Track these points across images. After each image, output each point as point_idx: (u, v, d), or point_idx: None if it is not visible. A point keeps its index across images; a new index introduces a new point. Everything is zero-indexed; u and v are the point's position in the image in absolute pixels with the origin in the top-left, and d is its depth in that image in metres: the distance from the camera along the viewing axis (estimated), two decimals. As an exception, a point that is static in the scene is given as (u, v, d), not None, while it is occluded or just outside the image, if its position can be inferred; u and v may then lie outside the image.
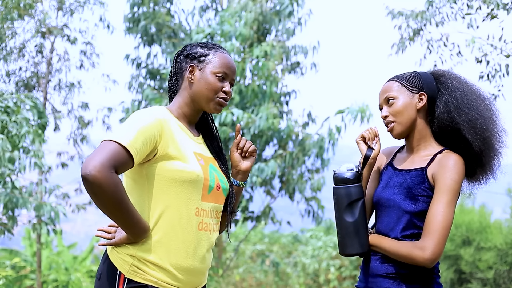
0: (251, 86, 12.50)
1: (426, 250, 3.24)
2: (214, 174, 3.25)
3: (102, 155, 2.86)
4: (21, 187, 9.23)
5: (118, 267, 3.06)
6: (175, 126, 3.17)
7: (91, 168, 2.81)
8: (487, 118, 3.44)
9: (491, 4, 9.44)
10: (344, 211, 3.49)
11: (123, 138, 2.93)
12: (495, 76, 9.76)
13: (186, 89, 3.29)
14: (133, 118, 3.06)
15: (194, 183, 3.11)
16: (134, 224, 2.98)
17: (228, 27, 12.70)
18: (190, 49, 3.34)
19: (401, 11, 10.91)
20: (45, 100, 15.03)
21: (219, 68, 3.28)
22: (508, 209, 21.49)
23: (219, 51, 3.32)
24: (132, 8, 13.91)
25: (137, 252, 3.05)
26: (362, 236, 3.46)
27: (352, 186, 3.49)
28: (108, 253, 3.13)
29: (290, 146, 12.95)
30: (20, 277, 16.24)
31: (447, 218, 3.27)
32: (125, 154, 2.91)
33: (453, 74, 3.56)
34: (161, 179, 3.06)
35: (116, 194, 2.86)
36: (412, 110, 3.49)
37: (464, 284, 20.42)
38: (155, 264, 3.06)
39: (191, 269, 3.15)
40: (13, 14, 12.71)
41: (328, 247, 20.33)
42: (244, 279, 21.17)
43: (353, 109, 12.14)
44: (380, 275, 3.45)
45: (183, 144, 3.14)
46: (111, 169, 2.84)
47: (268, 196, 13.39)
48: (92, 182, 2.82)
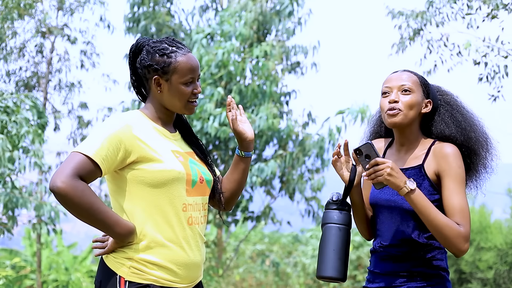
0: (251, 86, 12.50)
1: (466, 243, 3.27)
2: (195, 168, 3.26)
3: (67, 167, 2.94)
4: (21, 187, 9.23)
5: (117, 271, 3.09)
6: (148, 128, 3.19)
7: (57, 180, 2.91)
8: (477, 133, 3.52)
9: (491, 4, 9.44)
10: (324, 234, 3.47)
11: (88, 148, 3.00)
12: (494, 78, 9.75)
13: (155, 98, 3.27)
14: (102, 125, 3.12)
15: (176, 181, 3.14)
16: (113, 225, 3.03)
17: (228, 27, 12.70)
18: (148, 58, 3.21)
19: (401, 11, 10.91)
20: (45, 100, 15.03)
21: (186, 76, 3.22)
22: (508, 209, 21.50)
23: (180, 55, 3.22)
24: (132, 8, 13.90)
25: (134, 253, 3.09)
26: (326, 260, 3.41)
27: (324, 211, 3.51)
28: (105, 260, 3.16)
29: (290, 146, 12.96)
30: (20, 277, 16.24)
31: (467, 205, 3.32)
32: (91, 164, 2.99)
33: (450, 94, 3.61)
34: (143, 181, 3.10)
35: (84, 199, 2.94)
36: (418, 111, 3.48)
37: (464, 284, 20.42)
38: (153, 263, 3.09)
39: (188, 263, 3.18)
40: (13, 14, 12.72)
41: (328, 247, 20.31)
42: (244, 279, 21.17)
43: (353, 109, 12.15)
44: (392, 273, 3.45)
45: (159, 145, 3.16)
46: (75, 178, 2.93)
47: (268, 196, 13.39)
48: (59, 193, 2.90)
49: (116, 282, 3.08)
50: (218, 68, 12.36)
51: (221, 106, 12.52)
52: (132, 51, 3.31)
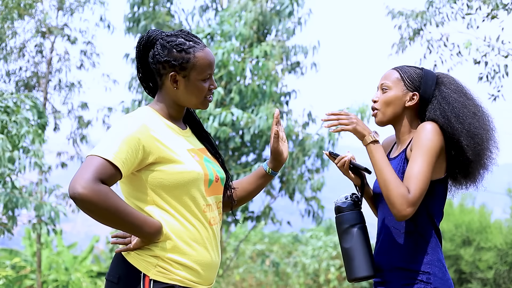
0: (251, 86, 12.50)
1: (408, 207, 3.25)
2: (210, 166, 3.18)
3: (86, 171, 2.81)
4: (21, 187, 9.23)
5: (142, 269, 2.99)
6: (163, 126, 3.09)
7: (77, 186, 2.77)
8: (485, 131, 3.46)
9: (491, 4, 9.45)
10: (341, 238, 3.53)
11: (107, 151, 2.87)
12: (494, 77, 9.76)
13: (168, 94, 3.15)
14: (117, 127, 2.98)
15: (196, 182, 3.05)
16: (141, 226, 2.92)
17: (228, 27, 12.70)
18: (165, 53, 3.09)
19: (401, 11, 10.92)
20: (45, 100, 15.03)
21: (204, 72, 3.12)
22: (508, 209, 21.51)
23: (198, 50, 3.12)
24: (132, 7, 13.90)
25: (161, 252, 2.99)
26: (360, 260, 3.46)
27: (344, 214, 3.52)
28: (126, 256, 3.04)
29: (290, 146, 12.96)
30: (20, 277, 16.25)
31: (426, 175, 3.29)
32: (111, 167, 2.85)
33: (454, 84, 3.55)
34: (162, 183, 3.00)
35: (109, 203, 2.82)
36: (399, 106, 3.52)
37: (464, 284, 20.44)
38: (180, 263, 3.01)
39: (210, 264, 3.12)
40: (14, 14, 12.72)
41: (328, 247, 20.34)
42: (244, 279, 21.18)
43: (353, 109, 12.16)
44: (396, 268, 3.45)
45: (175, 144, 3.06)
46: (96, 182, 2.79)
47: (268, 196, 13.40)
48: (82, 200, 2.77)
49: (140, 280, 2.98)
50: (218, 68, 12.36)
51: (221, 106, 12.53)
52: (142, 44, 3.16)
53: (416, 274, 3.37)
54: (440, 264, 3.40)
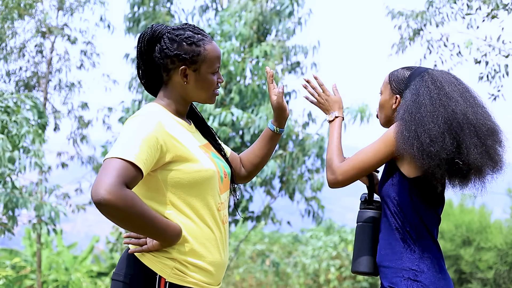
0: (251, 86, 12.50)
1: (332, 175, 3.47)
2: (219, 162, 3.16)
3: (109, 175, 2.70)
4: (21, 187, 9.23)
5: (158, 271, 2.94)
6: (174, 124, 3.03)
7: (102, 192, 2.66)
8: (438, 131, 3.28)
9: (491, 4, 9.45)
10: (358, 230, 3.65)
11: (127, 153, 2.77)
12: (494, 77, 9.76)
13: (176, 89, 3.11)
14: (133, 127, 2.89)
15: (212, 180, 3.02)
16: (163, 231, 2.87)
17: (228, 27, 12.70)
18: (174, 46, 3.04)
19: (401, 11, 10.92)
20: (45, 100, 15.03)
21: (214, 64, 3.10)
22: (508, 209, 21.50)
23: (207, 43, 3.09)
24: (132, 7, 13.90)
25: (178, 254, 2.96)
26: (359, 256, 3.58)
27: (358, 211, 3.67)
28: (140, 257, 2.98)
29: (290, 146, 12.96)
30: (20, 277, 16.25)
31: (366, 156, 3.41)
32: (133, 169, 2.76)
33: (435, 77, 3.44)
34: (179, 183, 2.95)
35: (135, 210, 2.73)
36: (389, 109, 3.60)
37: (464, 284, 20.43)
38: (196, 265, 2.98)
39: (222, 264, 3.11)
40: (14, 14, 12.72)
41: (328, 247, 20.34)
42: (244, 279, 21.18)
43: (352, 109, 12.16)
44: (384, 267, 3.47)
45: (188, 142, 3.01)
46: (122, 187, 2.70)
47: (268, 196, 13.39)
48: (107, 206, 2.67)
49: (155, 282, 2.93)
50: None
51: (221, 106, 12.53)
52: (147, 39, 3.09)
53: (403, 272, 3.38)
54: (429, 261, 3.39)
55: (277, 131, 3.53)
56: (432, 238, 3.45)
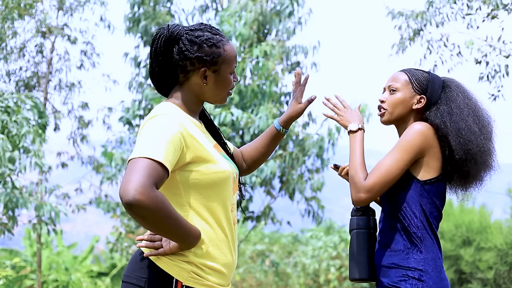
0: (250, 86, 12.51)
1: (358, 193, 3.40)
2: (229, 163, 3.14)
3: (139, 175, 2.65)
4: (21, 187, 9.22)
5: (175, 275, 2.91)
6: (192, 125, 3.00)
7: (133, 192, 2.60)
8: (482, 134, 3.52)
9: (491, 4, 9.45)
10: (350, 238, 3.69)
11: (155, 153, 2.73)
12: (494, 77, 9.77)
13: (194, 89, 3.09)
14: (156, 127, 2.85)
15: (228, 181, 3.01)
16: (187, 234, 2.85)
17: (228, 27, 12.70)
18: (194, 48, 3.02)
19: (401, 12, 10.92)
20: (46, 100, 15.03)
21: (233, 64, 3.11)
22: (508, 209, 21.50)
23: (226, 44, 3.09)
24: (133, 7, 13.91)
25: (194, 257, 2.94)
26: (355, 263, 3.61)
27: (350, 218, 3.70)
28: (155, 260, 2.94)
29: (290, 146, 12.96)
30: (20, 277, 16.26)
31: (390, 169, 3.38)
32: (161, 169, 2.71)
33: (460, 87, 3.62)
34: (199, 184, 2.93)
35: (165, 212, 2.70)
36: (407, 108, 3.59)
37: (464, 284, 20.42)
38: (211, 268, 2.96)
39: (233, 264, 3.10)
40: (14, 14, 12.72)
41: (328, 247, 20.35)
42: (244, 279, 21.18)
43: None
44: (387, 266, 3.48)
45: (205, 143, 3.00)
46: (153, 188, 2.65)
47: (268, 196, 13.40)
48: (139, 207, 2.61)
49: (172, 285, 2.90)
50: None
51: (220, 106, 12.53)
52: (164, 40, 3.05)
53: (408, 271, 3.41)
54: (434, 263, 3.43)
55: (283, 131, 3.55)
56: (435, 238, 3.50)
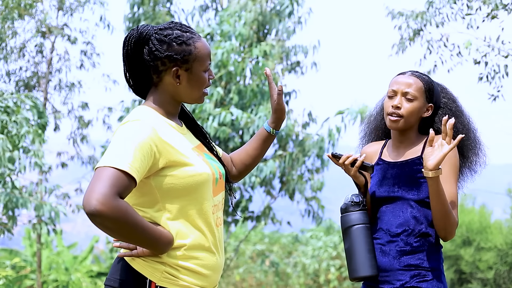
0: (250, 86, 12.51)
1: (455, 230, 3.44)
2: (213, 163, 3.10)
3: (102, 185, 2.64)
4: (21, 187, 9.23)
5: (148, 275, 2.90)
6: (167, 126, 2.97)
7: (95, 202, 2.59)
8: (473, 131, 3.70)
9: (491, 4, 9.45)
10: (343, 237, 3.59)
11: (121, 162, 2.71)
12: (494, 77, 9.77)
13: (167, 90, 3.03)
14: (125, 133, 2.83)
15: (206, 183, 2.96)
16: (156, 241, 2.83)
17: (227, 27, 12.70)
18: (163, 47, 2.96)
19: (401, 12, 10.92)
20: (45, 100, 15.03)
21: (206, 62, 3.04)
22: (508, 209, 21.51)
23: (197, 41, 3.02)
24: (132, 8, 13.91)
25: (168, 258, 2.91)
26: (358, 260, 3.52)
27: (345, 215, 3.59)
28: (130, 261, 2.94)
29: (290, 146, 12.96)
30: (20, 277, 16.24)
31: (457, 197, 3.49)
32: (126, 179, 2.69)
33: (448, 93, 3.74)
34: (174, 188, 2.89)
35: (129, 221, 2.68)
36: (419, 116, 3.60)
37: (465, 284, 20.43)
38: (187, 269, 2.94)
39: (216, 267, 3.06)
40: (14, 14, 12.72)
41: (328, 247, 20.35)
42: (244, 279, 21.18)
43: (352, 109, 12.17)
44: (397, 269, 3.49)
45: (182, 145, 2.95)
46: (115, 198, 2.63)
47: (268, 196, 13.40)
48: (101, 217, 2.61)
49: (145, 286, 2.89)
50: (218, 68, 12.36)
51: (220, 106, 12.53)
52: (134, 41, 3.00)
53: (428, 272, 3.46)
54: (442, 261, 3.55)
55: (273, 133, 3.48)
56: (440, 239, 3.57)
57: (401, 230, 3.52)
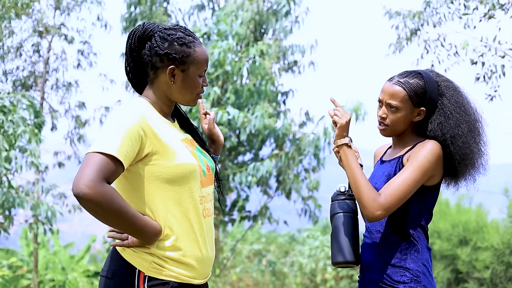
0: (247, 85, 12.51)
1: (378, 211, 3.36)
2: (202, 157, 3.19)
3: (90, 170, 2.78)
4: (17, 187, 9.22)
5: (137, 265, 3.00)
6: (157, 118, 3.07)
7: (82, 186, 2.74)
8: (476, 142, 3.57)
9: (488, 4, 9.46)
10: (331, 224, 3.65)
11: (108, 147, 2.83)
12: (491, 77, 9.77)
13: (161, 88, 3.15)
14: (115, 119, 2.95)
15: (193, 173, 3.05)
16: (141, 229, 2.93)
17: (224, 26, 12.70)
18: (165, 45, 3.08)
19: (398, 11, 10.94)
20: (42, 100, 15.01)
21: (202, 67, 3.15)
22: (504, 209, 21.55)
23: (197, 46, 3.14)
24: (129, 7, 13.90)
25: (156, 249, 3.01)
26: (339, 246, 3.57)
27: (332, 203, 3.67)
28: (121, 252, 3.05)
29: (287, 146, 12.96)
30: (17, 277, 16.22)
31: (407, 191, 3.39)
32: (114, 164, 2.83)
33: (452, 91, 3.61)
34: (161, 177, 2.99)
35: (114, 206, 2.80)
36: (408, 122, 3.58)
37: (461, 284, 20.46)
38: (174, 259, 3.02)
39: (205, 258, 3.13)
40: (11, 13, 12.71)
41: (325, 246, 20.34)
42: (241, 279, 21.16)
43: (347, 107, 12.17)
44: (381, 265, 3.51)
45: (170, 136, 3.05)
46: (102, 182, 2.77)
47: (264, 195, 13.39)
48: (86, 200, 2.75)
49: (134, 276, 3.00)
50: (215, 68, 12.36)
51: (217, 106, 12.53)
52: (137, 36, 3.12)
53: (407, 272, 3.44)
54: (428, 264, 3.50)
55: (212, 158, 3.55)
56: (427, 238, 3.56)
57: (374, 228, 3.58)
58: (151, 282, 3.00)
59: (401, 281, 3.43)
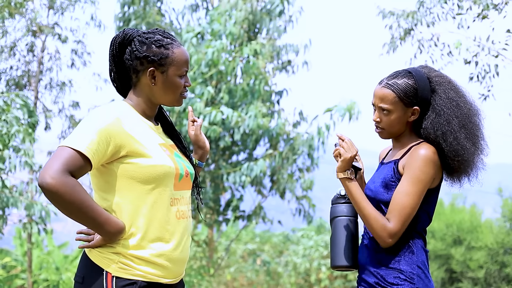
0: (241, 85, 12.51)
1: (389, 238, 3.38)
2: (181, 161, 3.24)
3: (56, 162, 2.88)
4: (11, 186, 9.20)
5: (104, 266, 3.04)
6: (137, 121, 3.15)
7: (46, 176, 2.84)
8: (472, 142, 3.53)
9: (482, 4, 9.47)
10: (331, 228, 3.67)
11: (77, 143, 2.93)
12: (485, 77, 9.79)
13: (144, 90, 3.22)
14: (90, 118, 3.04)
15: (167, 175, 3.10)
16: (102, 224, 2.98)
17: (218, 26, 12.69)
18: (143, 48, 3.16)
19: (392, 11, 10.95)
20: (36, 99, 14.99)
21: (182, 68, 3.21)
22: (498, 209, 21.56)
23: (176, 47, 3.21)
24: (123, 7, 13.88)
25: (122, 249, 3.04)
26: (337, 250, 3.59)
27: (332, 206, 3.67)
28: (88, 254, 3.11)
29: (281, 145, 12.96)
30: (11, 277, 16.19)
31: (412, 209, 3.38)
32: (81, 159, 2.92)
33: (446, 86, 3.56)
34: (134, 176, 3.05)
35: (74, 197, 2.88)
36: (403, 124, 3.56)
37: (455, 284, 20.48)
38: (141, 259, 3.05)
39: (175, 258, 3.15)
40: (4, 12, 12.68)
41: (319, 246, 20.34)
42: (235, 279, 21.16)
43: (340, 107, 12.18)
44: (375, 267, 3.50)
45: (147, 139, 3.12)
46: (65, 174, 2.87)
47: (259, 195, 13.39)
48: (49, 190, 2.84)
49: (102, 278, 3.03)
50: (208, 67, 12.36)
51: (211, 105, 12.52)
52: (118, 42, 3.22)
53: (401, 274, 3.43)
54: (424, 266, 3.48)
55: (196, 164, 3.61)
56: (424, 241, 3.55)
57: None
58: (120, 282, 3.03)
59: (394, 283, 3.42)
